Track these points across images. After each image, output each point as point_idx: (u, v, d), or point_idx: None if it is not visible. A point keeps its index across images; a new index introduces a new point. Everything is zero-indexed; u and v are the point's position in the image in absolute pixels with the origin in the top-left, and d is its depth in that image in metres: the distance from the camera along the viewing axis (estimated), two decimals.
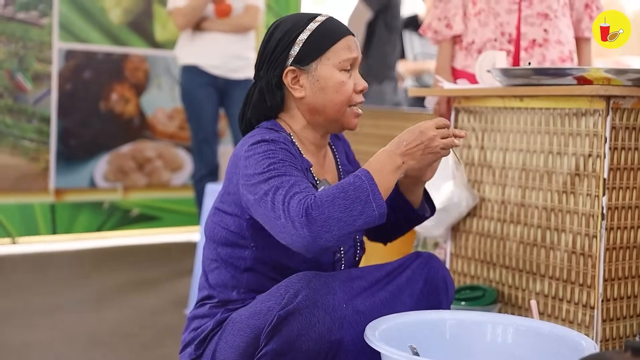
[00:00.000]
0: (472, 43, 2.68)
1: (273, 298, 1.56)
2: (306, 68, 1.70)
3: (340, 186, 1.52)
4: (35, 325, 3.00)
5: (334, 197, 1.49)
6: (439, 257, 2.71)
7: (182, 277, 3.83)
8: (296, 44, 1.69)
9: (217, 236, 1.70)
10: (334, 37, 1.70)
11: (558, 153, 2.09)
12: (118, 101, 4.72)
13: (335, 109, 1.71)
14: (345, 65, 1.70)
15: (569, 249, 2.06)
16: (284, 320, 1.51)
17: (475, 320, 1.71)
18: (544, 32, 2.63)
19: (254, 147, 1.61)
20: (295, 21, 1.72)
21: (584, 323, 2.02)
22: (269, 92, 1.72)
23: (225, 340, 1.62)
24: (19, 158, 4.41)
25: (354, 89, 1.72)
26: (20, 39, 4.37)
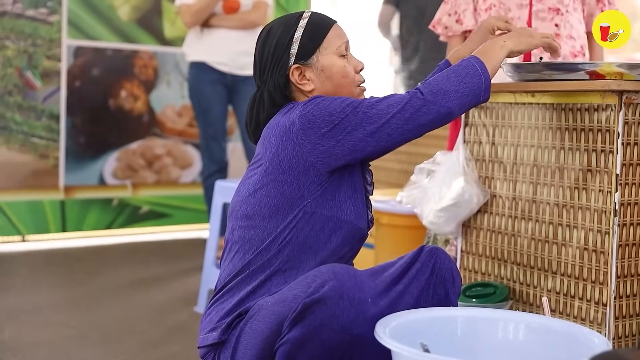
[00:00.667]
0: None
1: (299, 286, 1.58)
2: (309, 62, 1.78)
3: (451, 67, 1.75)
4: (45, 322, 3.01)
5: (447, 76, 1.72)
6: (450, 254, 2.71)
7: (191, 275, 3.83)
8: (294, 42, 1.78)
9: (263, 210, 1.72)
10: (324, 28, 1.80)
11: (570, 149, 2.07)
12: (127, 98, 4.72)
13: (345, 92, 1.80)
14: (341, 51, 1.80)
15: (581, 246, 2.04)
16: (309, 308, 1.53)
17: (486, 318, 1.70)
18: (556, 27, 2.61)
19: (310, 103, 1.70)
20: (284, 23, 1.81)
21: (596, 320, 2.00)
22: (276, 93, 1.78)
23: (250, 326, 1.65)
24: (29, 155, 4.41)
25: (355, 70, 1.82)
26: (29, 36, 4.37)
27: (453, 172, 2.34)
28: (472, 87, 1.72)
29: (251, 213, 1.74)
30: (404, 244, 3.10)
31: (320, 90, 1.79)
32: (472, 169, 2.32)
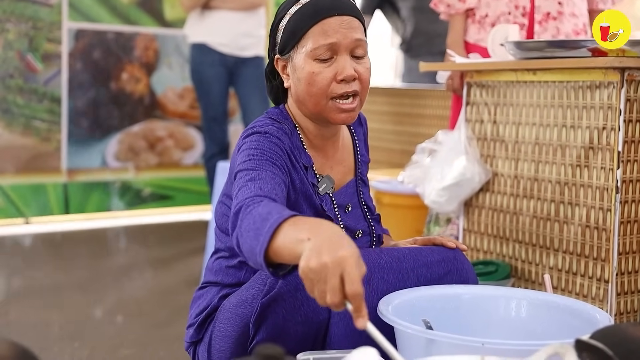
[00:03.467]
0: (486, 16, 2.66)
1: (256, 285, 1.53)
2: (286, 57, 1.59)
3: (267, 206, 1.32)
4: (49, 304, 3.02)
5: (255, 214, 1.32)
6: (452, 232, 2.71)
7: (194, 256, 3.84)
8: (279, 30, 1.60)
9: (223, 226, 1.67)
10: (308, 21, 1.54)
11: (572, 126, 2.07)
12: (128, 81, 4.71)
13: (312, 102, 1.56)
14: (319, 53, 1.53)
15: (582, 223, 2.05)
16: (268, 308, 1.48)
17: (488, 295, 1.70)
18: (559, 5, 2.60)
19: (246, 140, 1.55)
20: (285, 4, 1.60)
21: (598, 297, 2.01)
22: (267, 79, 1.69)
23: (219, 329, 1.60)
24: (31, 138, 4.42)
25: (335, 79, 1.54)
26: (30, 19, 4.36)
27: (455, 151, 2.34)
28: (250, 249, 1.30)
29: (218, 223, 1.69)
30: (406, 223, 3.11)
31: (295, 91, 1.60)
32: (473, 148, 2.32)
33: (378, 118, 4.27)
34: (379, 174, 3.62)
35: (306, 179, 1.61)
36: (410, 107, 4.07)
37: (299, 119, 1.65)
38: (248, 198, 1.38)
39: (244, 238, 1.31)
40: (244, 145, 1.54)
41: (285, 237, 1.23)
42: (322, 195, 1.64)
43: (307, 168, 1.62)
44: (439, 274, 1.65)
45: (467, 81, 2.36)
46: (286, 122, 1.62)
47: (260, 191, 1.40)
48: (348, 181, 1.72)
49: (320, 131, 1.65)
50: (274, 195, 1.41)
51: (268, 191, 1.41)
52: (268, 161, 1.50)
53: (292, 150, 1.58)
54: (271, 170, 1.48)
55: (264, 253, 1.25)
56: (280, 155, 1.53)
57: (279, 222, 1.25)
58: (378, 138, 4.21)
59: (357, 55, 1.57)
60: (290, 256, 1.23)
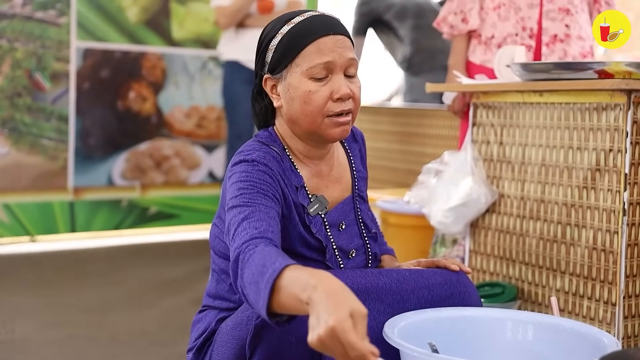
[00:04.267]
0: (492, 37, 2.66)
1: (250, 307, 1.51)
2: (278, 76, 1.58)
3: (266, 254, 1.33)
4: (54, 322, 3.02)
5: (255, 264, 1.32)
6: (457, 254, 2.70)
7: (199, 275, 3.84)
8: (269, 50, 1.58)
9: (217, 248, 1.66)
10: (303, 40, 1.54)
11: (578, 148, 2.07)
12: (135, 99, 4.73)
13: (307, 121, 1.56)
14: (315, 72, 1.53)
15: (589, 245, 2.04)
16: (262, 330, 1.47)
17: (495, 317, 1.69)
18: (566, 28, 2.60)
19: (234, 168, 1.55)
20: (274, 23, 1.60)
21: (605, 320, 1.99)
22: (254, 99, 1.66)
23: (217, 352, 1.59)
24: (38, 157, 4.43)
25: (331, 97, 1.55)
26: (38, 38, 4.39)
27: (461, 172, 2.34)
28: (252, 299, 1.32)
29: (212, 245, 1.68)
30: (411, 244, 3.10)
31: (287, 110, 1.58)
32: (480, 169, 2.32)
33: (384, 138, 4.28)
34: (384, 194, 3.61)
35: (297, 199, 1.60)
36: (416, 127, 4.07)
37: (289, 140, 1.64)
38: (245, 243, 1.39)
39: (247, 290, 1.33)
40: (233, 175, 1.54)
41: (285, 294, 1.26)
42: (312, 216, 1.62)
43: (297, 188, 1.61)
44: (441, 296, 1.64)
45: (473, 102, 2.36)
46: (275, 145, 1.61)
47: (256, 232, 1.41)
48: (345, 198, 1.71)
49: (311, 151, 1.65)
50: (270, 234, 1.42)
51: (264, 230, 1.42)
52: (259, 194, 1.50)
53: (282, 174, 1.57)
54: (263, 203, 1.48)
55: (266, 311, 1.28)
56: (270, 184, 1.53)
57: (273, 277, 1.26)
58: (384, 158, 4.21)
59: (349, 75, 1.59)
60: (294, 310, 1.26)
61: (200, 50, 4.91)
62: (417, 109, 4.15)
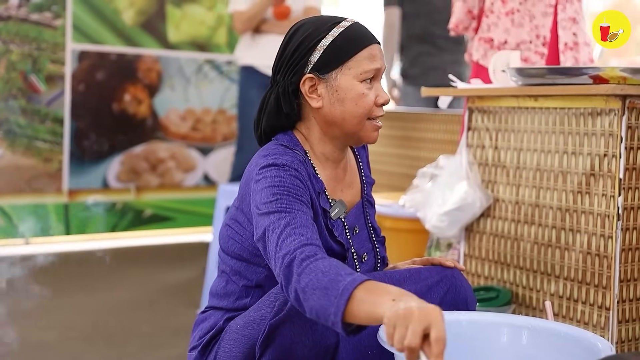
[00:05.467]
0: (505, 43, 2.68)
1: (264, 307, 1.53)
2: (325, 77, 1.59)
3: (335, 263, 1.36)
4: (50, 325, 3.01)
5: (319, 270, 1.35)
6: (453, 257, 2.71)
7: (194, 278, 3.84)
8: (317, 50, 1.58)
9: (229, 249, 1.66)
10: (357, 45, 1.59)
11: (573, 153, 2.08)
12: (131, 102, 4.73)
13: (354, 122, 1.60)
14: (366, 76, 1.59)
15: (584, 250, 2.04)
16: (276, 330, 1.49)
17: (489, 322, 1.69)
18: (574, 36, 2.64)
19: (263, 171, 1.54)
20: (317, 25, 1.60)
21: (600, 324, 2.00)
22: (285, 100, 1.61)
23: (224, 350, 1.60)
24: (33, 159, 4.42)
25: (375, 102, 1.61)
26: (33, 40, 4.39)
27: (456, 176, 2.34)
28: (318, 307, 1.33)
29: (223, 247, 1.68)
30: (406, 248, 3.10)
31: (327, 111, 1.60)
32: (475, 173, 2.33)
33: (379, 141, 4.27)
34: (380, 198, 3.61)
35: (318, 204, 1.61)
36: (411, 131, 4.08)
37: (315, 143, 1.65)
38: (297, 249, 1.40)
39: (308, 294, 1.34)
40: (263, 179, 1.53)
41: (362, 301, 1.28)
42: (333, 220, 1.64)
43: (319, 194, 1.62)
44: (439, 294, 1.66)
45: (469, 106, 2.37)
46: (297, 149, 1.62)
47: (303, 238, 1.42)
48: (356, 203, 1.73)
49: (335, 154, 1.67)
50: (316, 240, 1.44)
51: (310, 237, 1.43)
52: (295, 199, 1.51)
53: (308, 179, 1.58)
54: (301, 209, 1.49)
55: (341, 315, 1.29)
56: (302, 189, 1.54)
57: (354, 285, 1.29)
58: (379, 161, 4.22)
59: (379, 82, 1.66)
60: (367, 319, 1.28)
61: (196, 53, 4.91)
62: (413, 113, 4.16)
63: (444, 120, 3.75)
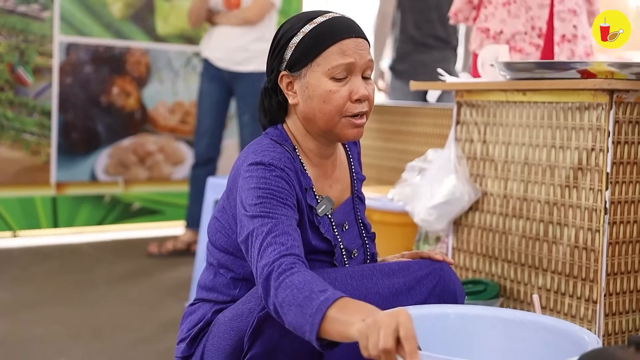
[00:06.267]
0: (501, 33, 2.68)
1: (253, 299, 1.54)
2: (297, 74, 1.59)
3: (309, 278, 1.37)
4: (37, 318, 3.00)
5: (295, 286, 1.36)
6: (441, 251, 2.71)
7: (182, 271, 3.83)
8: (289, 47, 1.59)
9: (217, 242, 1.66)
10: (326, 41, 1.56)
11: (561, 147, 2.09)
12: (119, 95, 4.71)
13: (324, 119, 1.58)
14: (335, 72, 1.56)
15: (571, 244, 2.06)
16: (265, 322, 1.49)
17: (477, 315, 1.70)
18: (574, 28, 2.63)
19: (250, 169, 1.54)
20: (294, 22, 1.61)
21: (587, 317, 2.01)
22: (266, 96, 1.65)
23: (212, 342, 1.60)
24: (20, 151, 4.40)
25: (350, 98, 1.57)
26: (21, 32, 4.36)
27: (444, 170, 2.35)
28: (296, 323, 1.35)
29: (211, 239, 1.69)
30: (395, 241, 3.11)
31: (302, 108, 1.60)
32: (463, 167, 2.33)
33: (368, 135, 4.28)
34: (368, 191, 3.62)
35: (305, 200, 1.61)
36: (400, 125, 4.08)
37: (300, 139, 1.65)
38: (275, 261, 1.41)
39: (285, 310, 1.36)
40: (250, 178, 1.53)
41: (335, 321, 1.30)
42: (320, 217, 1.64)
43: (306, 190, 1.62)
44: (429, 287, 1.67)
45: (457, 100, 2.37)
46: (286, 144, 1.62)
47: (283, 248, 1.43)
48: (345, 199, 1.73)
49: (321, 150, 1.66)
50: (297, 249, 1.45)
51: (290, 247, 1.44)
52: (279, 203, 1.51)
53: (294, 177, 1.58)
54: (285, 214, 1.50)
55: (316, 334, 1.31)
56: (288, 191, 1.54)
57: (327, 305, 1.31)
58: (368, 155, 4.22)
59: (366, 77, 1.61)
60: (340, 337, 1.30)
61: (185, 46, 4.90)
62: (401, 107, 4.17)
63: (433, 114, 3.76)
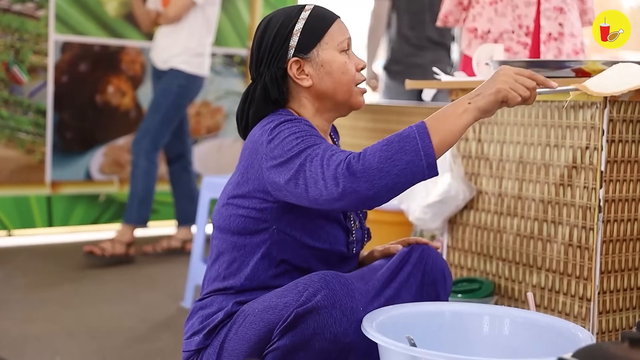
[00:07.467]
0: (488, 32, 2.68)
1: (290, 294, 1.57)
2: (308, 56, 1.71)
3: (387, 138, 1.53)
4: (32, 318, 3.00)
5: (378, 149, 1.51)
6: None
7: (178, 270, 3.83)
8: (294, 34, 1.71)
9: (232, 225, 1.69)
10: (327, 21, 1.73)
11: (555, 145, 2.09)
12: (114, 94, 4.70)
13: (344, 90, 1.73)
14: (343, 46, 1.73)
15: (565, 242, 2.06)
16: (301, 318, 1.53)
17: (472, 312, 1.71)
18: (559, 26, 2.64)
19: (277, 129, 1.62)
20: (286, 14, 1.73)
21: (580, 315, 2.02)
22: (273, 86, 1.70)
23: (236, 332, 1.63)
24: (15, 150, 4.39)
25: (356, 68, 1.75)
26: (16, 30, 4.35)
27: (440, 168, 2.35)
28: (404, 166, 1.48)
29: (222, 226, 1.71)
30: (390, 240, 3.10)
31: (318, 88, 1.72)
32: (458, 166, 2.34)
33: (363, 134, 4.28)
34: None
35: None
36: (395, 124, 4.08)
37: (309, 117, 1.75)
38: (347, 156, 1.52)
39: (386, 168, 1.47)
40: (279, 134, 1.60)
41: (440, 128, 1.51)
42: None
43: None
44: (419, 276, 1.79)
45: (452, 99, 2.38)
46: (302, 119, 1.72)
47: (348, 152, 1.54)
48: None
49: (325, 127, 1.78)
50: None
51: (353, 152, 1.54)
52: (320, 137, 1.62)
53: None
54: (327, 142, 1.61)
55: (433, 154, 1.48)
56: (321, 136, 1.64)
57: (423, 126, 1.51)
58: None
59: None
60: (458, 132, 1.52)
61: None
62: (397, 106, 4.17)
63: (428, 113, 3.75)
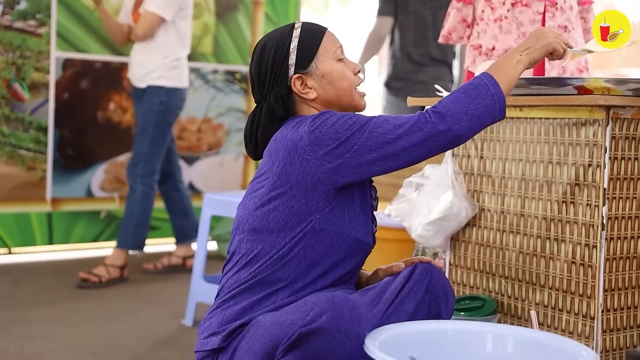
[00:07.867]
0: (493, 49, 2.69)
1: (298, 312, 1.57)
2: (308, 70, 1.80)
3: (460, 88, 1.71)
4: (32, 335, 2.99)
5: (455, 98, 1.69)
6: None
7: (179, 288, 3.82)
8: (291, 52, 1.80)
9: (271, 224, 1.72)
10: (319, 35, 1.83)
11: (558, 163, 2.09)
12: (115, 110, 4.71)
13: (347, 95, 1.83)
14: (338, 55, 1.83)
15: (568, 259, 2.05)
16: (304, 338, 1.52)
17: (475, 331, 1.70)
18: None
19: (318, 119, 1.70)
20: (278, 36, 1.83)
21: (584, 334, 2.01)
22: (278, 105, 1.79)
23: (246, 341, 1.65)
24: (16, 167, 4.39)
25: (353, 72, 1.84)
26: (17, 48, 4.36)
27: (442, 185, 2.35)
28: (483, 109, 1.69)
29: (259, 227, 1.74)
30: (392, 257, 3.09)
31: (323, 97, 1.81)
32: (460, 183, 2.33)
33: None
34: None
35: None
36: None
37: None
38: (427, 110, 1.69)
39: (470, 113, 1.67)
40: (324, 122, 1.69)
41: (505, 76, 1.75)
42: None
43: None
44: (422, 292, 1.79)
45: None
46: None
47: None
48: None
49: None
50: None
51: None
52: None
53: None
54: None
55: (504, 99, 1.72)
56: None
57: (489, 76, 1.73)
58: None
59: None
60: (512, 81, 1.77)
61: None
62: None
63: None
